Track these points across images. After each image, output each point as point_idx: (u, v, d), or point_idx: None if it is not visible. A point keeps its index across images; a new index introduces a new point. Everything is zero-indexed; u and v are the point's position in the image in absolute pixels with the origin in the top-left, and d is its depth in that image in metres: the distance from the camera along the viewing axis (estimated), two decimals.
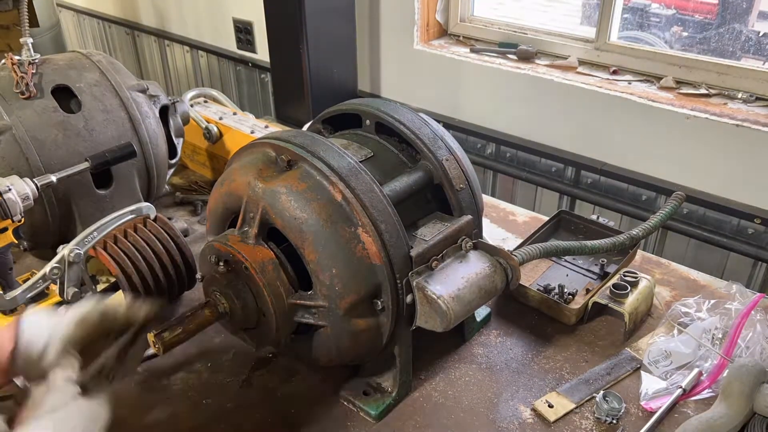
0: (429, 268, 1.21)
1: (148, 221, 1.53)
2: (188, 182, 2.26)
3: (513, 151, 2.69)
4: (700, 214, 2.26)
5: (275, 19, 2.86)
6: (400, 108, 1.41)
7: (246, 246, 1.20)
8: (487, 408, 1.33)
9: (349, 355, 1.27)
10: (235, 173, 1.28)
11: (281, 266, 1.20)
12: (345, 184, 1.17)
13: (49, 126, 1.61)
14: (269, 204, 1.18)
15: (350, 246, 1.15)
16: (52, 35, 3.43)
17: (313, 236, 1.15)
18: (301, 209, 1.16)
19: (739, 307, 1.45)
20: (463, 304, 1.18)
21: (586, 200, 2.53)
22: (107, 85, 1.74)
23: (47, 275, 1.40)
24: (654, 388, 1.34)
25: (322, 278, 1.16)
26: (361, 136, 1.42)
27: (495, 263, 1.26)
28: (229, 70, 3.76)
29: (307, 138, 1.26)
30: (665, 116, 2.23)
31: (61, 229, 1.68)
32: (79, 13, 4.78)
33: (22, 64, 1.63)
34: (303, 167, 1.21)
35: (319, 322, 1.20)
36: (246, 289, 1.20)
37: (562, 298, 1.56)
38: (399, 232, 1.19)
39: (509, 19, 2.82)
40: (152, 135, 1.78)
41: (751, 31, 2.50)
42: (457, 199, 1.34)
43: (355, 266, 1.15)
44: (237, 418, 1.31)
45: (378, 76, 3.09)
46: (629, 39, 2.66)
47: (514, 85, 2.59)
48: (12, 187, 1.40)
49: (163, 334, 1.11)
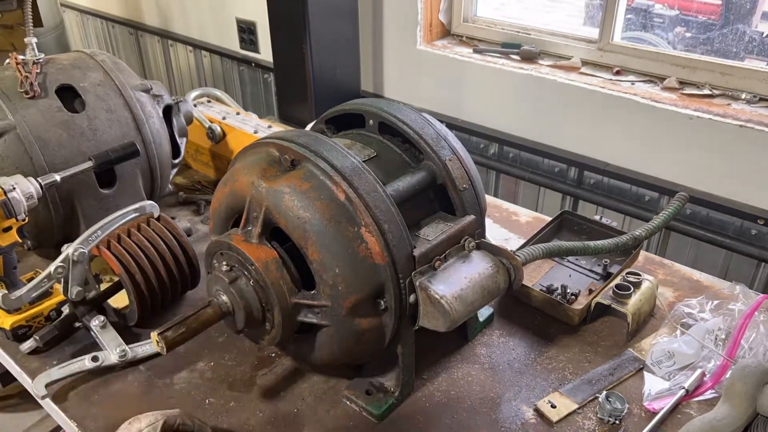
0: (432, 268, 1.21)
1: (152, 221, 1.54)
2: (191, 182, 2.26)
3: (516, 152, 2.69)
4: (703, 214, 2.26)
5: (278, 19, 2.86)
6: (403, 108, 1.41)
7: (249, 245, 1.21)
8: (489, 408, 1.33)
9: (352, 355, 1.27)
10: (238, 173, 1.28)
11: (284, 266, 1.20)
12: (348, 184, 1.17)
13: (53, 125, 1.61)
14: (272, 203, 1.18)
15: (353, 246, 1.15)
16: (55, 35, 3.43)
17: (317, 236, 1.15)
18: (305, 209, 1.16)
19: (742, 308, 1.45)
20: (465, 305, 1.18)
21: (589, 201, 2.53)
22: (111, 84, 1.75)
23: (52, 274, 1.40)
24: (657, 389, 1.34)
25: (325, 278, 1.16)
26: (364, 136, 1.43)
27: (498, 263, 1.26)
28: (233, 70, 3.76)
29: (310, 138, 1.26)
30: (668, 117, 2.22)
31: (64, 228, 1.68)
32: (83, 13, 4.79)
33: (27, 63, 1.64)
34: (306, 167, 1.21)
35: (322, 322, 1.20)
36: (249, 289, 1.20)
37: (564, 299, 1.56)
38: (402, 231, 1.19)
39: (512, 20, 2.82)
40: (156, 134, 1.79)
41: (754, 32, 2.50)
42: (460, 199, 1.34)
43: (358, 266, 1.15)
44: (239, 418, 1.31)
45: (381, 76, 3.10)
46: (632, 39, 2.66)
47: (517, 86, 2.59)
48: (16, 186, 1.40)
49: (166, 333, 1.11)
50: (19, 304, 1.45)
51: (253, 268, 1.18)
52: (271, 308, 1.19)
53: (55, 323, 1.48)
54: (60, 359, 1.43)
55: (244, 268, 1.20)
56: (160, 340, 1.11)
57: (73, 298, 1.42)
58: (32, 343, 1.44)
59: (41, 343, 1.44)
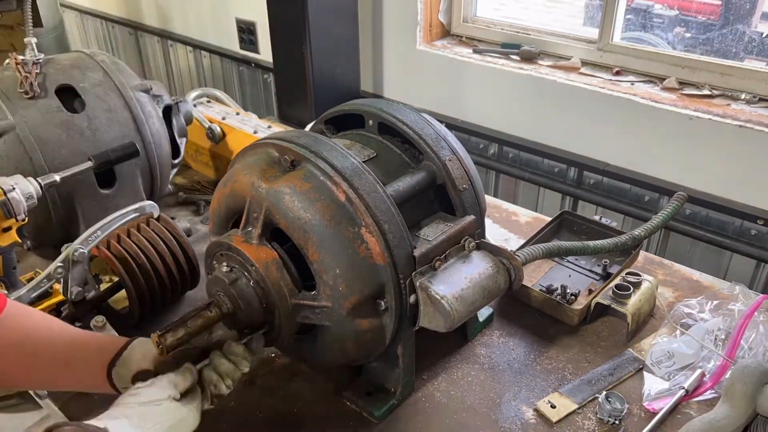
0: (432, 268, 1.21)
1: (151, 221, 1.54)
2: (191, 182, 2.26)
3: (516, 152, 2.69)
4: (702, 215, 2.26)
5: (278, 20, 2.86)
6: (402, 108, 1.41)
7: (250, 246, 1.20)
8: (489, 408, 1.33)
9: (353, 356, 1.27)
10: (238, 174, 1.27)
11: (285, 266, 1.20)
12: (348, 185, 1.17)
13: (53, 125, 1.61)
14: (273, 204, 1.18)
15: (354, 246, 1.15)
16: (55, 35, 3.43)
17: (317, 236, 1.15)
18: (305, 209, 1.16)
19: (742, 308, 1.45)
20: (466, 305, 1.18)
21: (588, 201, 2.53)
22: (111, 84, 1.74)
23: (51, 274, 1.40)
24: (657, 389, 1.34)
25: (325, 278, 1.16)
26: (363, 137, 1.42)
27: (498, 263, 1.26)
28: (232, 70, 3.76)
29: (310, 138, 1.26)
30: (668, 117, 2.22)
31: (64, 229, 1.68)
32: (83, 13, 4.79)
33: (26, 63, 1.64)
34: (307, 167, 1.21)
35: (323, 323, 1.20)
36: (250, 290, 1.20)
37: (564, 299, 1.56)
38: (402, 232, 1.19)
39: (512, 20, 2.82)
40: (155, 135, 1.79)
41: (754, 32, 2.50)
42: (460, 199, 1.34)
43: (359, 266, 1.15)
44: (239, 418, 1.31)
45: (381, 77, 3.09)
46: (632, 40, 2.65)
47: (517, 86, 2.59)
48: (16, 186, 1.40)
49: (166, 335, 1.11)
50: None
51: (254, 269, 1.18)
52: (272, 309, 1.19)
53: None
54: None
55: (244, 268, 1.20)
56: (160, 341, 1.10)
57: (73, 298, 1.42)
58: None
59: None
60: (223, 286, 1.20)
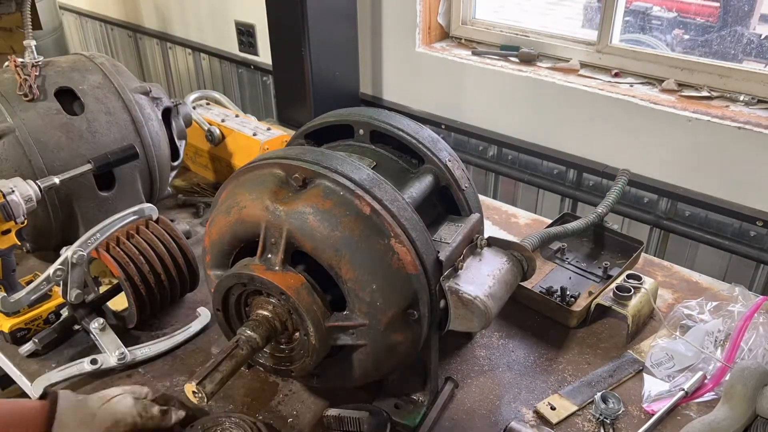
0: (454, 270, 1.19)
1: (151, 223, 1.54)
2: (190, 184, 2.26)
3: (515, 154, 2.69)
4: (702, 216, 2.26)
5: (277, 22, 2.86)
6: (394, 115, 1.40)
7: (275, 274, 1.12)
8: (489, 410, 1.33)
9: (386, 370, 1.24)
10: (242, 199, 1.19)
11: (314, 289, 1.14)
12: (372, 197, 1.13)
13: (52, 128, 1.61)
14: (296, 227, 1.12)
15: (386, 258, 1.12)
16: (54, 38, 3.43)
17: (350, 254, 1.10)
18: (333, 228, 1.10)
19: (741, 310, 1.45)
20: (497, 301, 1.18)
21: (587, 203, 2.53)
22: (110, 87, 1.75)
23: (50, 277, 1.40)
24: (656, 391, 1.34)
25: (361, 295, 1.11)
26: (356, 147, 1.39)
27: (511, 257, 1.27)
28: (231, 72, 3.76)
29: (317, 153, 1.21)
30: (667, 119, 2.23)
31: (63, 231, 1.68)
32: (82, 15, 4.79)
33: (26, 66, 1.64)
34: (323, 184, 1.15)
35: (358, 342, 1.15)
36: (276, 320, 1.15)
37: (564, 301, 1.56)
38: (427, 238, 1.17)
39: (511, 22, 2.82)
40: (155, 137, 1.79)
41: (752, 34, 2.51)
42: (464, 198, 1.34)
43: (393, 278, 1.12)
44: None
45: (380, 79, 3.10)
46: (631, 42, 2.66)
47: (516, 88, 2.59)
48: (15, 188, 1.40)
49: (204, 383, 1.03)
50: (17, 307, 1.45)
51: (284, 297, 1.11)
52: (307, 335, 1.13)
53: (54, 326, 1.48)
54: (59, 362, 1.42)
55: (269, 298, 1.15)
56: (198, 391, 1.02)
57: (72, 300, 1.42)
58: (31, 345, 1.44)
59: (40, 346, 1.43)
60: (250, 323, 1.15)
